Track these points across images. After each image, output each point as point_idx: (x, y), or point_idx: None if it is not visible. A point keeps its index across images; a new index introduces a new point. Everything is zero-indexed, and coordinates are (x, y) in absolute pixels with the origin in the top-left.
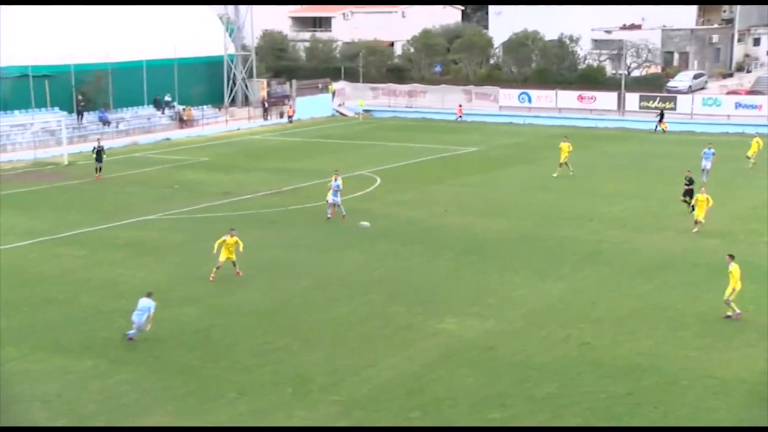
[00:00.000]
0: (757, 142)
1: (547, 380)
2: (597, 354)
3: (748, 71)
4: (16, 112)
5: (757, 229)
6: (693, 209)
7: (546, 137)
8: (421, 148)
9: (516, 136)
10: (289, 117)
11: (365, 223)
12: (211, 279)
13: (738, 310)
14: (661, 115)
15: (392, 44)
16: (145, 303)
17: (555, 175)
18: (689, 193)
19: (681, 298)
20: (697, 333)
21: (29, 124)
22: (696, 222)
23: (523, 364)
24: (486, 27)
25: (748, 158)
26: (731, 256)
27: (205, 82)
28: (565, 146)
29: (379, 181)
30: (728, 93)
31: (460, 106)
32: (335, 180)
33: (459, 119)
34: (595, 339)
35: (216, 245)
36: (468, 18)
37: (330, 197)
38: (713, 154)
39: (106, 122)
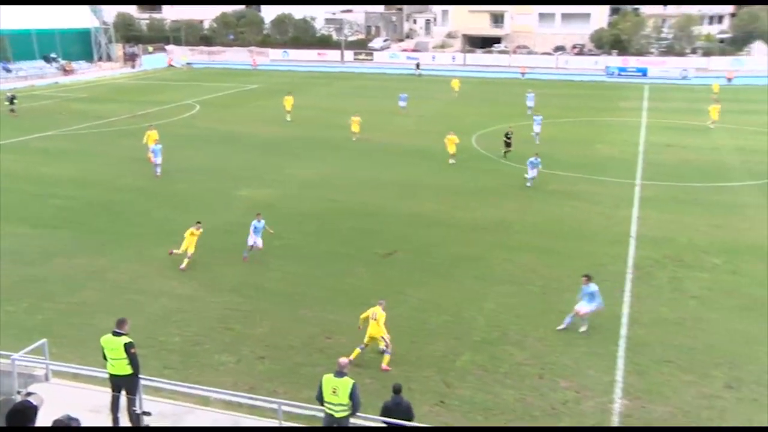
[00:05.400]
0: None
1: (310, 222)
2: (342, 206)
3: (412, 38)
4: None
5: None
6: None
7: (301, 77)
8: (225, 86)
9: (283, 77)
10: (134, 66)
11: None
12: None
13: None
14: (418, 66)
15: (202, 21)
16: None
17: (289, 119)
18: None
19: (398, 172)
20: (398, 191)
21: None
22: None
23: (294, 214)
24: (260, 10)
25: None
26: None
27: (80, 45)
28: (289, 99)
29: (198, 107)
30: (402, 51)
31: (254, 59)
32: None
33: (254, 68)
34: (340, 197)
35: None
36: (249, 4)
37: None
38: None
39: (8, 70)
